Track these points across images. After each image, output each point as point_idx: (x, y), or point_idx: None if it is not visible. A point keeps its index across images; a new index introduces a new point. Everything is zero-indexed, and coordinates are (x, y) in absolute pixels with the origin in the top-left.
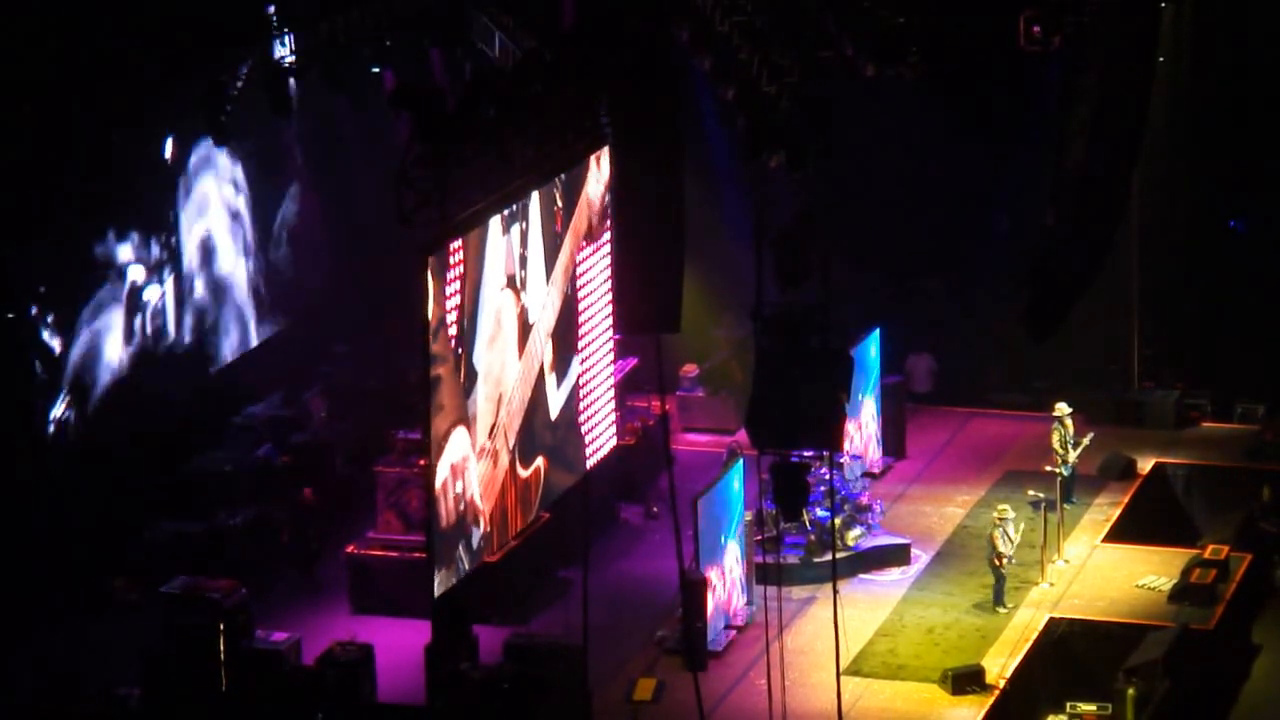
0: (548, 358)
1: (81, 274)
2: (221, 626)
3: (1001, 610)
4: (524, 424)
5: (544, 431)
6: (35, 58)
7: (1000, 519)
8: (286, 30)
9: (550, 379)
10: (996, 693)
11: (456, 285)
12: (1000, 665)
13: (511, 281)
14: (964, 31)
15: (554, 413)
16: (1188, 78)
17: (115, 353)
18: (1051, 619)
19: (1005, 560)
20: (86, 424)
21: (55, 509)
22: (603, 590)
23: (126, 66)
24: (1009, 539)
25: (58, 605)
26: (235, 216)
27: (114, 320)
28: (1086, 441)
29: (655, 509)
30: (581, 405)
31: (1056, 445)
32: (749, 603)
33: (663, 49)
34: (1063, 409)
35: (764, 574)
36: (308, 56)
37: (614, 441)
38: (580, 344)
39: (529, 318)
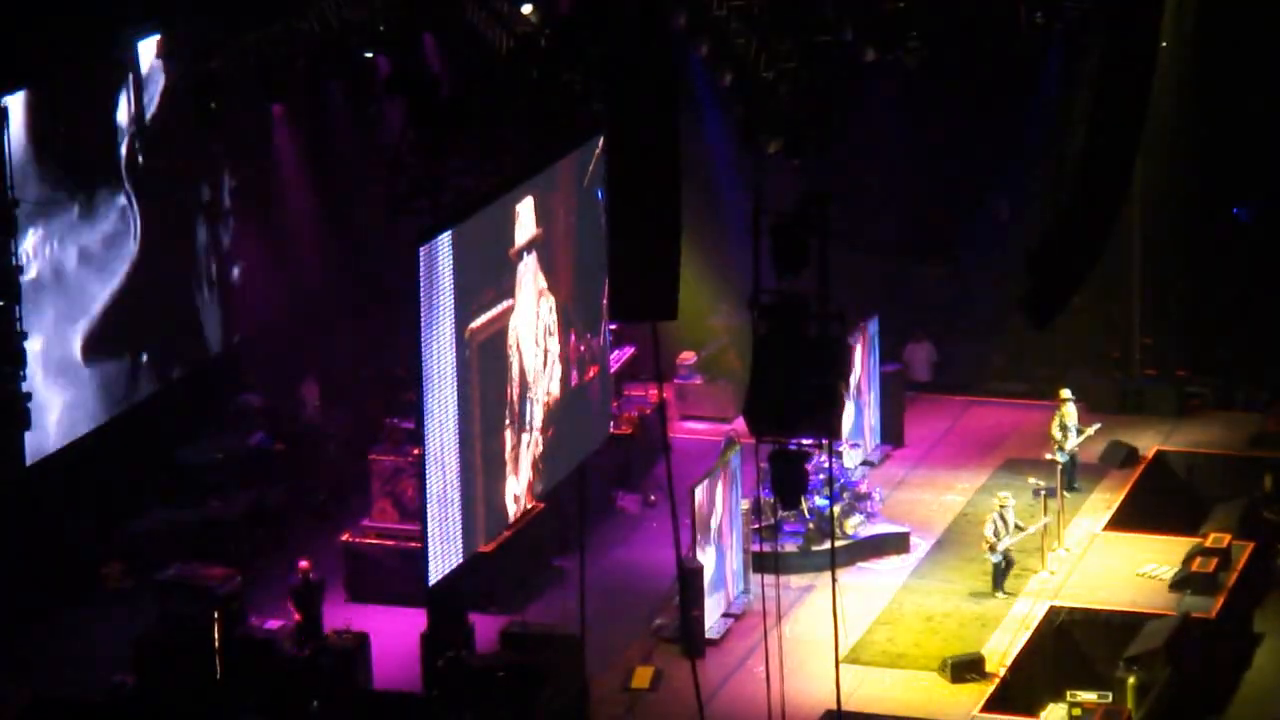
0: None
1: (70, 256)
2: (216, 614)
3: (999, 596)
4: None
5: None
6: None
7: (1001, 505)
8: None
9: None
10: (996, 681)
11: None
12: (1000, 654)
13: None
14: (964, 17)
15: (570, 367)
16: (1191, 64)
17: (106, 339)
18: (1052, 607)
19: (992, 547)
20: (77, 411)
21: (47, 498)
22: (600, 578)
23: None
24: (1004, 526)
25: (51, 593)
26: (229, 203)
27: (105, 306)
28: (1090, 431)
29: (653, 497)
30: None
31: (1055, 431)
32: (746, 591)
33: (659, 34)
34: (1065, 395)
35: (762, 562)
36: (299, 42)
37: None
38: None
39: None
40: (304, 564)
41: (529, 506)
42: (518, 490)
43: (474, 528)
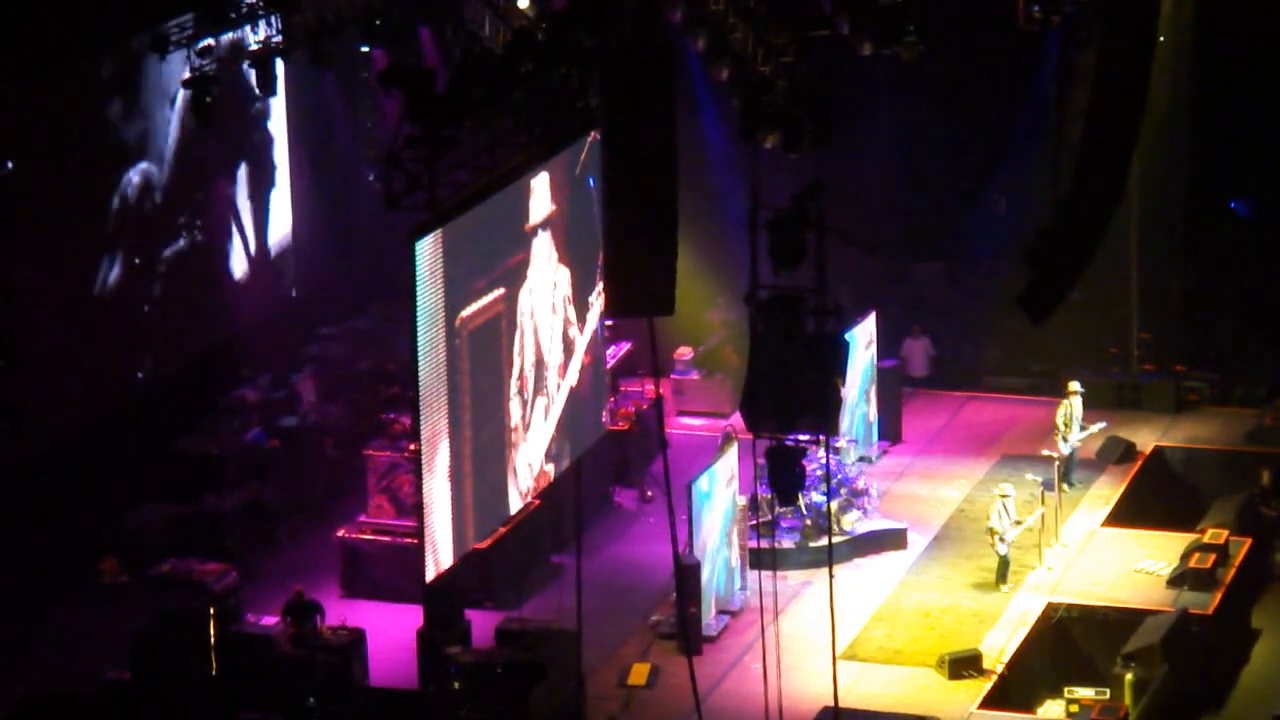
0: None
1: (66, 251)
2: (212, 610)
3: (1003, 589)
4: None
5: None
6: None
7: (1002, 496)
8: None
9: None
10: (994, 678)
11: None
12: (998, 650)
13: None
14: (962, 11)
15: (579, 351)
16: (1188, 58)
17: (101, 333)
18: (1049, 604)
19: (997, 538)
20: (71, 406)
21: (42, 492)
22: (597, 574)
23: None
24: (1006, 516)
25: (46, 588)
26: (224, 197)
27: (100, 300)
28: (1094, 429)
29: (650, 493)
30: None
31: (1060, 422)
32: (743, 587)
33: (656, 29)
34: (1074, 388)
35: (759, 558)
36: (295, 36)
37: None
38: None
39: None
40: (297, 586)
41: (548, 467)
42: (531, 459)
43: (471, 523)
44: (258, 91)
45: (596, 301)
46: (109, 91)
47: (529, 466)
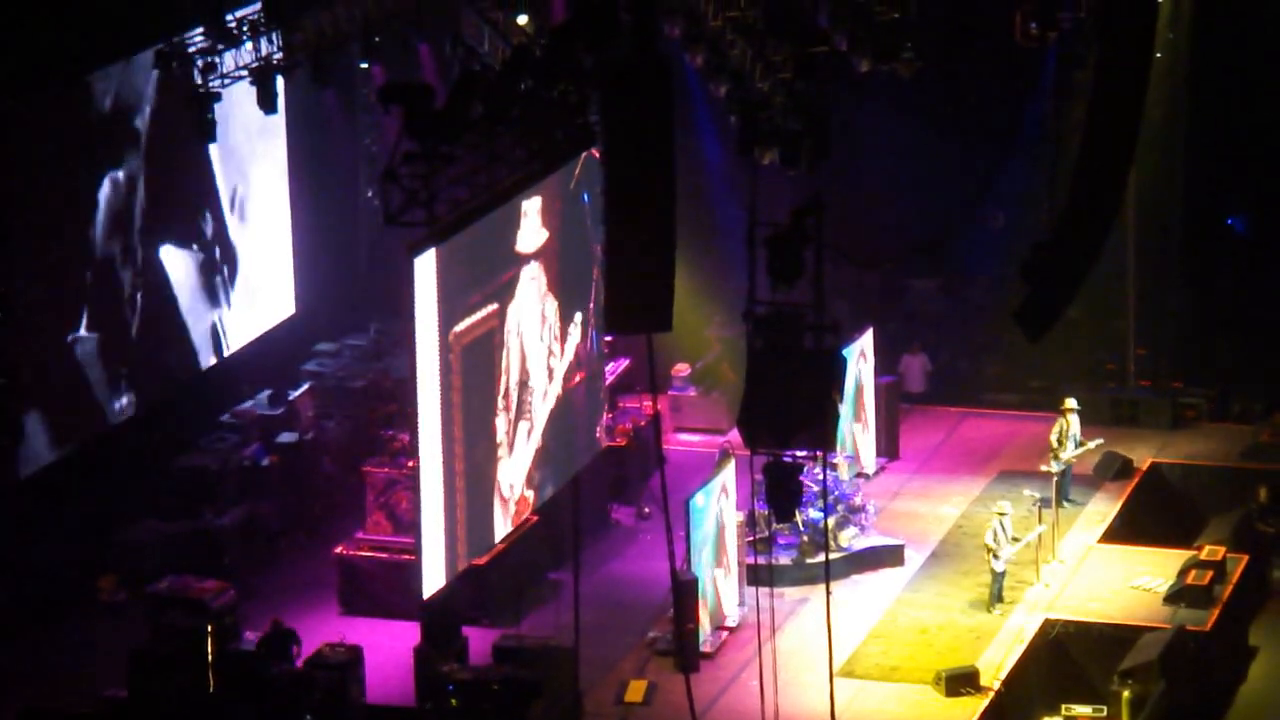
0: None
1: (62, 267)
2: (209, 627)
3: (994, 611)
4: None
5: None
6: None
7: (999, 514)
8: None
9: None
10: (991, 695)
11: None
12: (995, 667)
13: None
14: (959, 27)
15: (561, 371)
16: (1185, 74)
17: (99, 349)
18: (1046, 620)
19: (992, 555)
20: (73, 421)
21: (40, 508)
22: (594, 591)
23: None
24: (1002, 534)
25: (44, 605)
26: (222, 213)
27: (96, 316)
28: (1091, 445)
29: (647, 509)
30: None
31: (1053, 439)
32: (740, 604)
33: (654, 45)
34: (1070, 404)
35: (756, 575)
36: (295, 53)
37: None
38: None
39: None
40: (275, 617)
41: (528, 493)
42: (514, 479)
43: (468, 540)
44: (259, 108)
45: (576, 330)
46: (106, 104)
47: (511, 487)
